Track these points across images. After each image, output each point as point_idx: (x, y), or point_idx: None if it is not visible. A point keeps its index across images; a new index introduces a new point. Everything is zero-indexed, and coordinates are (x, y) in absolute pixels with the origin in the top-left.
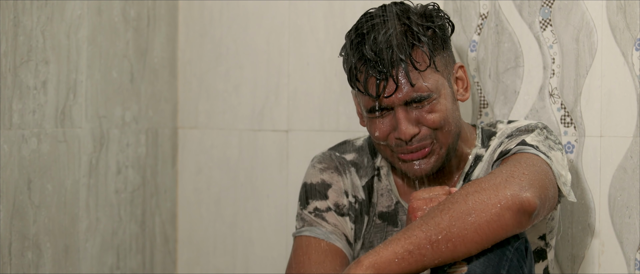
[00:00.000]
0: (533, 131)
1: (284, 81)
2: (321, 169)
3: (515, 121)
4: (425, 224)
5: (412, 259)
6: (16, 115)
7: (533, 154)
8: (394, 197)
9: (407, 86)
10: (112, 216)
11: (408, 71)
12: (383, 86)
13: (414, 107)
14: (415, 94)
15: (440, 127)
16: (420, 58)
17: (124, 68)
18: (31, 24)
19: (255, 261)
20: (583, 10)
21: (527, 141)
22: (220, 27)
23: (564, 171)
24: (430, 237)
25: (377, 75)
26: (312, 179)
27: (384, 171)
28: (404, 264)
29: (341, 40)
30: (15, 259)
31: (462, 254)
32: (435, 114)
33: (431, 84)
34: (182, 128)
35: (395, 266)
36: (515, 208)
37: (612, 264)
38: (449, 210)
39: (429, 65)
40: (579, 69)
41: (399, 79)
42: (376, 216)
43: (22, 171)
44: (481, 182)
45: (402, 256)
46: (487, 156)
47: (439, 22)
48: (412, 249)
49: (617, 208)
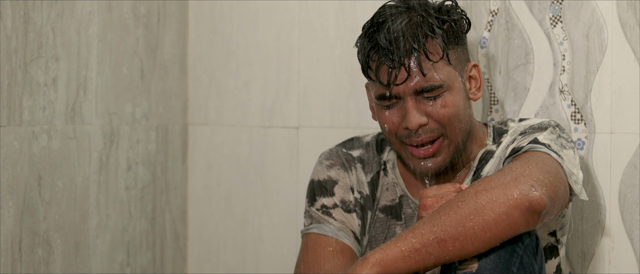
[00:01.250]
0: (545, 129)
1: (294, 77)
2: (328, 165)
3: (527, 119)
4: (433, 222)
5: (419, 257)
6: (26, 112)
7: (544, 153)
8: (398, 191)
9: (418, 75)
10: (122, 213)
11: (420, 60)
12: (394, 74)
13: (425, 98)
14: (426, 84)
15: (450, 123)
16: (433, 49)
17: (134, 65)
18: (41, 21)
19: (265, 258)
20: (593, 7)
21: (539, 139)
22: (230, 23)
23: (575, 170)
24: (438, 235)
25: (389, 63)
26: (319, 176)
27: (390, 165)
28: (411, 262)
29: (351, 37)
30: (25, 255)
31: (470, 253)
32: (445, 108)
33: (443, 76)
34: (192, 125)
35: (402, 264)
36: (524, 206)
37: (622, 261)
38: (457, 208)
39: (442, 58)
40: (589, 66)
41: (411, 68)
42: (379, 210)
43: (32, 167)
44: (490, 180)
45: (409, 254)
46: (498, 152)
47: (455, 17)
48: (419, 247)
49: (628, 204)
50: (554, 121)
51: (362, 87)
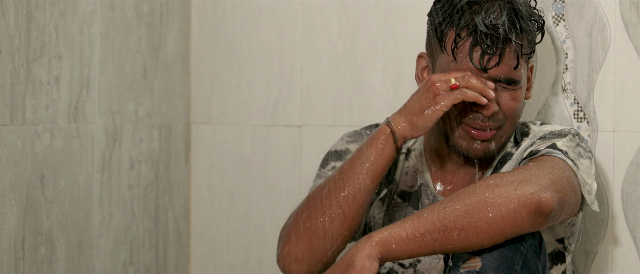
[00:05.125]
0: (565, 136)
1: (297, 76)
2: (349, 140)
3: (548, 125)
4: (441, 209)
5: (423, 242)
6: (29, 110)
7: (560, 159)
8: (419, 179)
9: (508, 66)
10: (125, 212)
11: (516, 51)
12: (487, 59)
13: (502, 88)
14: (511, 76)
15: (512, 116)
16: (525, 44)
17: (137, 63)
18: (44, 20)
19: (268, 257)
20: (596, 5)
21: (557, 145)
22: (233, 22)
23: (589, 180)
24: (443, 223)
25: (485, 47)
26: (337, 147)
27: (417, 153)
28: (414, 245)
29: (354, 35)
30: (28, 254)
31: (474, 246)
32: (515, 103)
33: (523, 73)
34: (195, 123)
35: (405, 246)
36: (533, 206)
37: (625, 259)
38: (466, 199)
39: (529, 54)
40: (592, 64)
41: (505, 56)
42: (397, 194)
43: (35, 166)
44: (503, 176)
45: (413, 238)
46: (516, 155)
47: (542, 19)
48: (423, 232)
49: (631, 202)
50: (574, 130)
51: (364, 85)
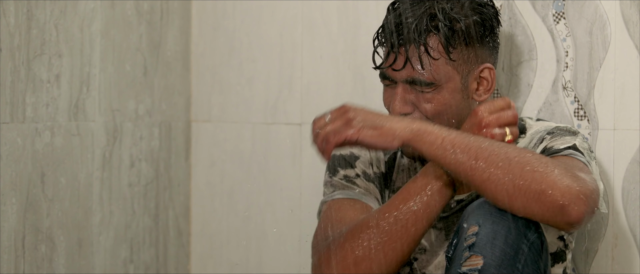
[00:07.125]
0: (576, 135)
1: (297, 74)
2: None
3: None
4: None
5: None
6: (30, 108)
7: (585, 165)
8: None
9: (412, 66)
10: (125, 210)
11: (419, 53)
12: (393, 58)
13: (416, 89)
14: (417, 77)
15: (434, 118)
16: (435, 45)
17: (137, 61)
18: (44, 18)
19: (268, 255)
20: (596, 3)
21: (578, 146)
22: (233, 20)
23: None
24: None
25: (390, 47)
26: (341, 151)
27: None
28: (439, 152)
29: (354, 33)
30: (28, 252)
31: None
32: (430, 105)
33: (438, 74)
34: (196, 121)
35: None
36: (566, 208)
37: (625, 257)
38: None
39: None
40: (593, 62)
41: (408, 58)
42: (393, 192)
43: (35, 164)
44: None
45: (444, 145)
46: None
47: (477, 18)
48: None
49: (631, 200)
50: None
51: (364, 83)
